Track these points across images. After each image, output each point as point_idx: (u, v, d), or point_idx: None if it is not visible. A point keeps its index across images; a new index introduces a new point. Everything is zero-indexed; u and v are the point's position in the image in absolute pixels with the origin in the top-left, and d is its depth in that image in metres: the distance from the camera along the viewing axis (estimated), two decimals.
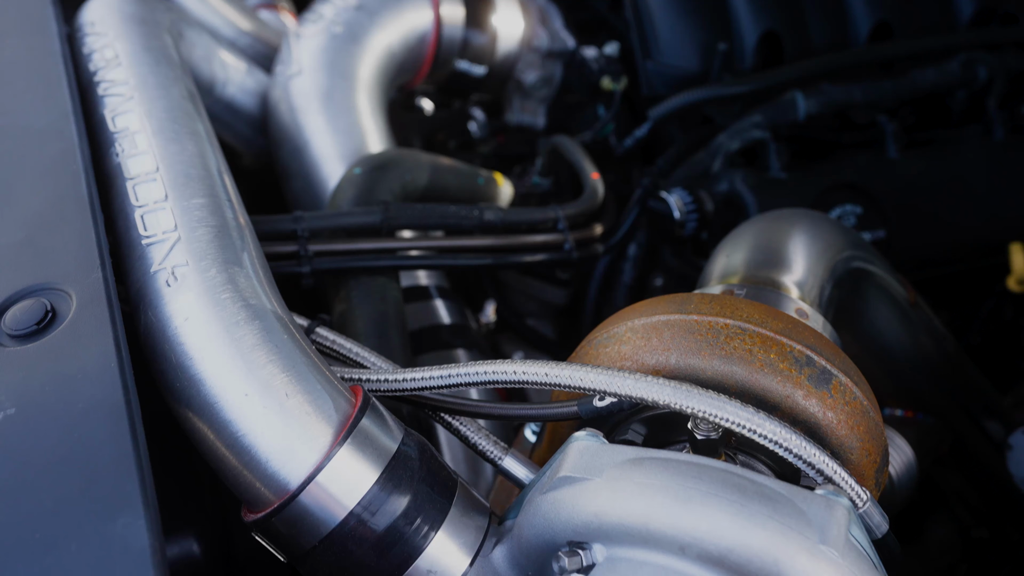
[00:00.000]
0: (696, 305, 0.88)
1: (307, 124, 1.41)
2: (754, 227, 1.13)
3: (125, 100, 1.03)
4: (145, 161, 0.95)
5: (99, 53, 1.11)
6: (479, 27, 1.64)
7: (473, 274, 1.55)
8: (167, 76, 1.09)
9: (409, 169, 1.32)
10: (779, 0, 1.61)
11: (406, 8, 1.57)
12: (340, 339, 0.99)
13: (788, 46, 1.61)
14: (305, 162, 1.40)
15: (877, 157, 1.56)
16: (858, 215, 1.50)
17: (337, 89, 1.44)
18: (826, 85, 1.56)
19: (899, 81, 1.59)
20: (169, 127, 1.00)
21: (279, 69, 1.47)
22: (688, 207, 1.42)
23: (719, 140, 1.53)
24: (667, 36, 1.59)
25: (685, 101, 1.51)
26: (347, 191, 1.25)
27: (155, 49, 1.13)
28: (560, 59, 1.71)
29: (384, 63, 1.52)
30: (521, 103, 1.75)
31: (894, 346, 1.26)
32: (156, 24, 1.20)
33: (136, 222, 0.89)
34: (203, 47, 1.39)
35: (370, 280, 1.16)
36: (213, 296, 0.82)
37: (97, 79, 1.07)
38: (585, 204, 1.36)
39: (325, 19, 1.50)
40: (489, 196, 1.45)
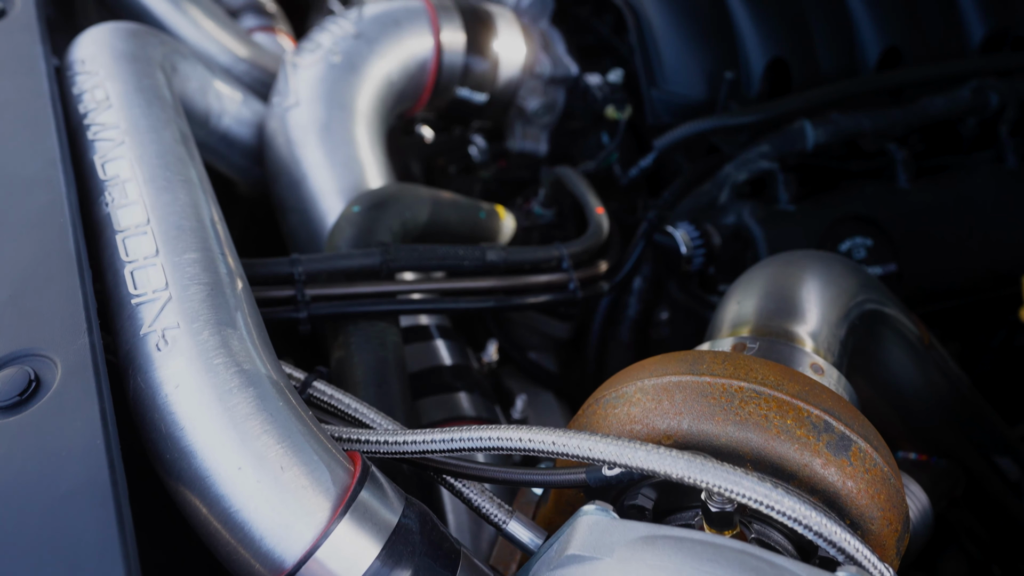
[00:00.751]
0: (708, 365, 0.85)
1: (305, 157, 1.37)
2: (765, 272, 1.09)
3: (116, 145, 1.00)
4: (136, 212, 0.92)
5: (89, 94, 1.08)
6: (480, 53, 1.60)
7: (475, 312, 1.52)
8: (159, 118, 1.05)
9: (409, 206, 1.28)
10: (787, 26, 1.57)
11: (406, 35, 1.54)
12: (338, 394, 0.95)
13: (796, 73, 1.58)
14: (303, 196, 1.36)
15: (887, 187, 1.53)
16: (868, 247, 1.46)
17: (335, 121, 1.40)
18: (835, 114, 1.52)
19: (909, 109, 1.56)
20: (161, 174, 0.97)
21: (276, 100, 1.43)
22: (695, 242, 1.39)
23: (726, 171, 1.49)
24: (672, 63, 1.56)
25: (691, 131, 1.47)
26: (345, 230, 1.21)
27: (147, 89, 1.09)
28: (563, 85, 1.67)
29: (383, 92, 1.49)
30: (523, 129, 1.71)
31: (908, 389, 1.22)
32: (148, 61, 1.16)
33: (126, 279, 0.86)
34: (198, 79, 1.35)
35: (369, 326, 1.13)
36: (205, 361, 0.79)
37: (87, 122, 1.04)
38: (589, 241, 1.33)
39: (323, 48, 1.46)
40: (491, 230, 1.41)
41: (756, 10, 1.56)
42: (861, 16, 1.64)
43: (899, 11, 1.65)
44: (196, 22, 1.58)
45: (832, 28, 1.62)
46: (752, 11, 1.56)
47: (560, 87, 1.68)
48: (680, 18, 1.56)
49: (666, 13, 1.56)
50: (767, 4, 1.57)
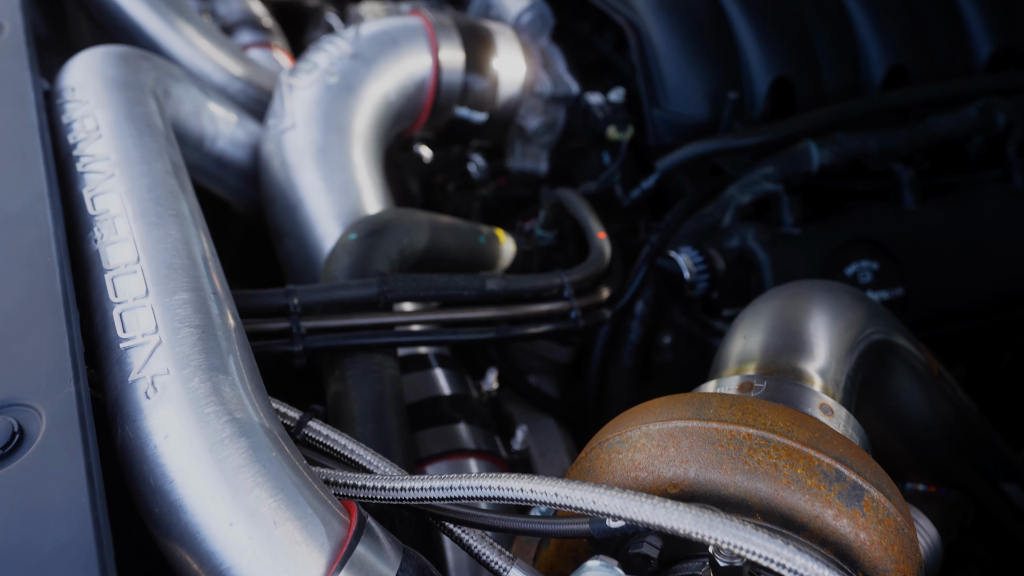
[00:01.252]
0: (715, 410, 0.82)
1: (301, 182, 1.35)
2: (771, 305, 1.07)
3: (106, 178, 0.97)
4: (125, 250, 0.89)
5: (79, 123, 1.05)
6: (480, 72, 1.58)
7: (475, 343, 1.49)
8: (150, 149, 1.03)
9: (407, 232, 1.25)
10: (791, 45, 1.55)
11: (404, 54, 1.51)
12: (334, 434, 0.93)
13: (800, 92, 1.55)
14: (299, 221, 1.34)
15: (893, 209, 1.50)
16: (874, 271, 1.44)
17: (332, 144, 1.38)
18: (840, 134, 1.50)
19: (915, 128, 1.54)
20: (152, 209, 0.94)
21: (272, 122, 1.41)
22: (698, 267, 1.36)
23: (729, 192, 1.47)
24: (675, 83, 1.53)
25: (694, 153, 1.45)
26: (342, 259, 1.19)
27: (138, 118, 1.06)
28: (563, 104, 1.65)
29: (381, 113, 1.46)
30: (523, 148, 1.69)
31: (916, 419, 1.20)
32: (140, 88, 1.14)
33: (114, 321, 0.83)
34: (191, 102, 1.33)
35: (366, 359, 1.10)
36: (196, 410, 0.76)
37: (77, 152, 1.01)
38: (591, 268, 1.30)
39: (319, 69, 1.44)
40: (491, 254, 1.39)
41: (760, 29, 1.54)
42: (866, 34, 1.61)
43: (905, 29, 1.62)
44: (190, 41, 1.56)
45: (837, 46, 1.59)
46: (756, 30, 1.54)
47: (560, 106, 1.65)
48: (683, 37, 1.53)
49: (668, 32, 1.54)
50: (771, 22, 1.55)
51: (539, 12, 1.65)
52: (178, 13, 1.56)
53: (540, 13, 1.66)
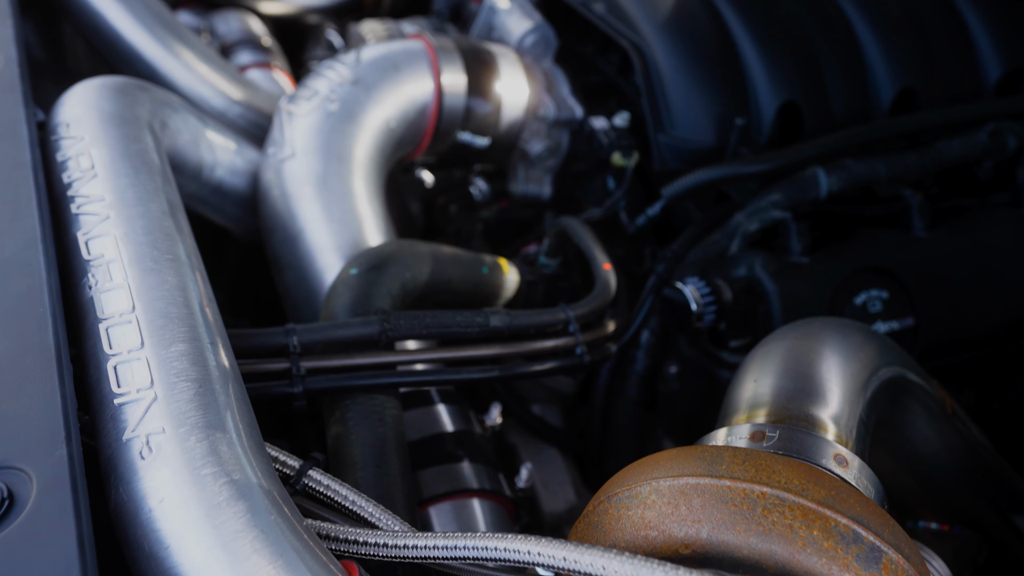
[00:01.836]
0: (728, 466, 0.80)
1: (301, 212, 1.32)
2: (782, 346, 1.04)
3: (101, 220, 0.95)
4: (120, 298, 0.87)
5: (74, 161, 1.03)
6: (482, 96, 1.55)
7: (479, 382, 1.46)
8: (146, 188, 1.00)
9: (408, 266, 1.23)
10: (799, 69, 1.52)
11: (405, 79, 1.49)
12: (335, 484, 0.91)
13: (808, 116, 1.53)
14: (299, 253, 1.31)
15: (902, 236, 1.48)
16: (884, 300, 1.41)
17: (332, 173, 1.35)
18: (848, 160, 1.47)
19: (925, 154, 1.51)
20: (148, 253, 0.92)
21: (271, 151, 1.38)
22: (705, 299, 1.34)
23: (736, 220, 1.44)
24: (681, 108, 1.51)
25: (700, 180, 1.42)
26: (343, 295, 1.16)
27: (134, 156, 1.04)
28: (567, 127, 1.62)
29: (382, 141, 1.44)
30: (526, 172, 1.66)
31: (930, 458, 1.17)
32: (136, 122, 1.11)
33: (108, 374, 0.81)
34: (189, 131, 1.30)
35: (367, 400, 1.08)
36: (192, 472, 0.74)
37: (71, 193, 0.99)
38: (597, 301, 1.28)
39: (319, 96, 1.41)
40: (494, 285, 1.36)
41: (767, 53, 1.51)
42: (875, 57, 1.59)
43: (914, 52, 1.60)
44: (188, 66, 1.53)
45: (845, 70, 1.57)
46: (763, 54, 1.51)
47: (564, 129, 1.63)
48: (688, 61, 1.51)
49: (674, 56, 1.51)
50: (778, 46, 1.52)
51: (543, 34, 1.63)
52: (176, 37, 1.54)
53: (544, 35, 1.63)
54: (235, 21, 2.02)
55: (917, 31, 1.64)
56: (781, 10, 1.58)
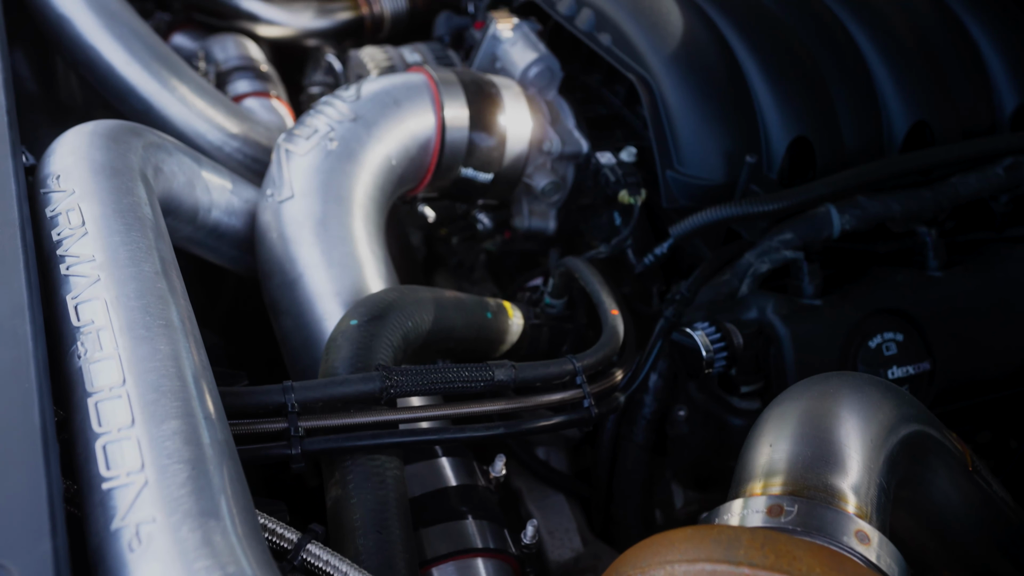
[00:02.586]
0: (746, 551, 0.76)
1: (300, 256, 1.29)
2: (798, 408, 1.00)
3: (91, 283, 0.91)
4: (111, 370, 0.83)
5: (64, 216, 0.99)
6: (486, 130, 1.51)
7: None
8: (139, 247, 0.97)
9: (410, 314, 1.19)
10: (811, 103, 1.49)
11: (407, 115, 1.45)
12: (334, 560, 0.88)
13: (820, 151, 1.49)
14: (297, 299, 1.28)
15: (917, 275, 1.44)
16: (899, 343, 1.37)
17: (332, 216, 1.32)
18: (862, 198, 1.44)
19: (940, 191, 1.48)
20: (140, 320, 0.88)
21: (269, 191, 1.35)
22: (716, 344, 1.30)
23: (747, 260, 1.41)
24: (689, 144, 1.47)
25: (710, 219, 1.38)
26: (343, 348, 1.13)
27: (126, 211, 1.00)
28: (573, 161, 1.59)
29: (382, 179, 1.40)
30: (530, 206, 1.63)
31: (951, 516, 1.14)
32: (128, 172, 1.08)
33: (96, 454, 0.77)
34: (184, 173, 1.27)
35: (368, 461, 1.04)
36: (185, 565, 0.70)
37: (61, 252, 0.95)
38: (604, 350, 1.24)
39: (318, 134, 1.38)
40: (498, 331, 1.33)
41: (778, 87, 1.48)
42: (888, 89, 1.55)
43: (927, 84, 1.56)
44: (184, 100, 1.50)
45: (857, 103, 1.53)
46: (774, 88, 1.48)
47: (569, 163, 1.59)
48: (697, 96, 1.47)
49: (682, 90, 1.47)
50: (790, 80, 1.49)
51: (547, 65, 1.59)
52: (171, 71, 1.50)
53: (548, 66, 1.60)
54: (232, 47, 1.99)
55: (930, 61, 1.60)
56: (792, 41, 1.54)
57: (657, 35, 1.52)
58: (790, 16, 1.58)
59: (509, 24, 1.65)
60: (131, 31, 1.49)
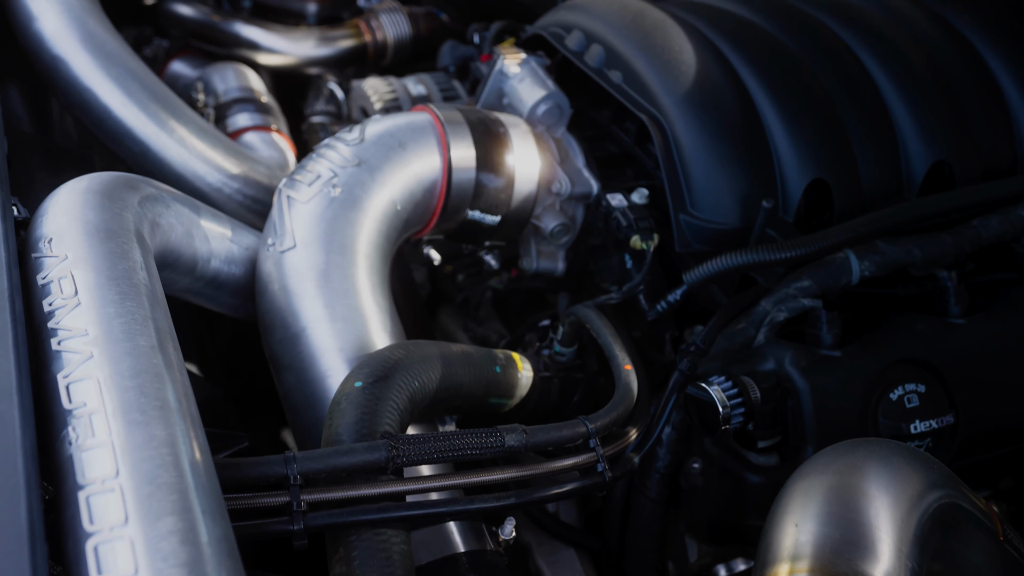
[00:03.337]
0: None
1: (302, 310, 1.25)
2: (823, 484, 0.96)
3: (84, 360, 0.87)
4: (103, 459, 0.79)
5: (56, 285, 0.95)
6: (493, 171, 1.47)
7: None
8: (134, 318, 0.92)
9: (417, 374, 1.15)
10: (828, 145, 1.44)
11: (412, 157, 1.41)
12: None
13: (837, 193, 1.45)
14: (299, 354, 1.23)
15: (938, 323, 1.40)
16: (921, 394, 1.33)
17: (335, 267, 1.27)
18: (881, 243, 1.39)
19: (961, 234, 1.43)
20: (135, 402, 0.84)
21: (270, 241, 1.30)
22: (732, 400, 1.25)
23: (763, 308, 1.36)
24: (703, 187, 1.43)
25: (725, 266, 1.34)
26: (347, 413, 1.08)
27: (121, 278, 0.96)
28: (582, 201, 1.54)
29: (387, 225, 1.36)
30: (538, 247, 1.58)
31: None
32: (123, 233, 1.03)
33: (88, 558, 0.73)
34: (183, 225, 1.22)
35: (373, 536, 0.99)
36: None
37: (52, 324, 0.91)
38: (618, 410, 1.20)
39: (321, 180, 1.33)
40: (507, 385, 1.28)
41: (795, 128, 1.43)
42: (906, 128, 1.51)
43: (947, 122, 1.52)
44: (183, 141, 1.46)
45: (876, 143, 1.49)
46: (790, 129, 1.43)
47: (579, 204, 1.55)
48: (712, 137, 1.43)
49: (696, 131, 1.43)
50: (806, 120, 1.44)
51: (556, 103, 1.55)
52: (169, 112, 1.46)
53: (557, 104, 1.55)
54: (232, 77, 1.95)
55: (949, 97, 1.56)
56: (808, 79, 1.50)
57: (669, 73, 1.47)
58: (805, 52, 1.54)
59: (516, 59, 1.61)
60: (128, 72, 1.45)
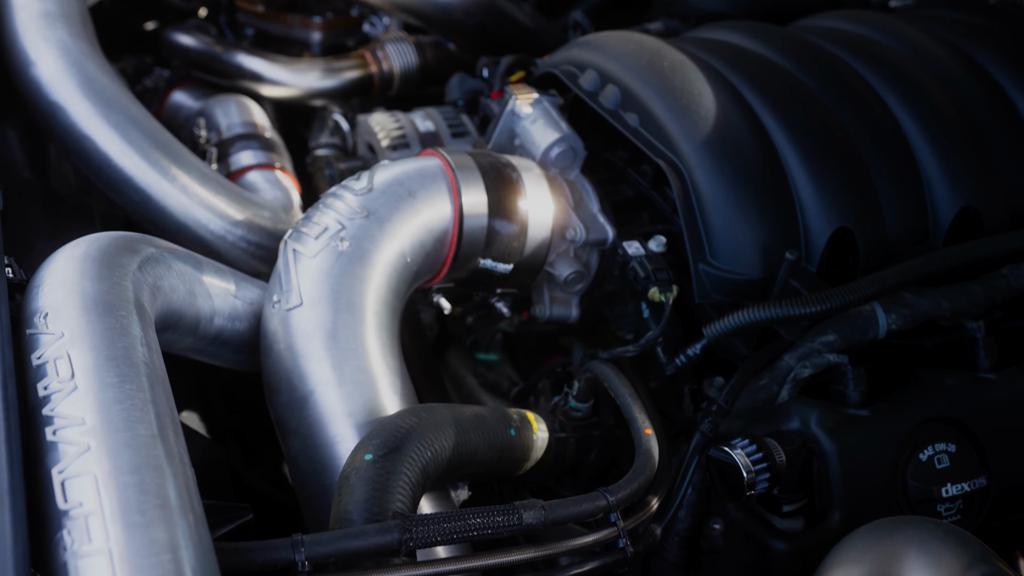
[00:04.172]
0: None
1: (309, 372, 1.20)
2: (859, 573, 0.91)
3: (80, 453, 0.82)
4: (100, 568, 0.74)
5: (51, 366, 0.90)
6: (506, 218, 1.42)
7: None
8: (134, 403, 0.88)
9: (430, 444, 1.10)
10: (852, 192, 1.40)
11: (422, 206, 1.36)
12: None
13: (862, 242, 1.40)
14: (307, 419, 1.18)
15: (967, 379, 1.35)
16: (952, 454, 1.28)
17: (343, 326, 1.22)
18: (909, 295, 1.35)
19: (991, 285, 1.39)
20: (134, 502, 0.79)
21: (276, 297, 1.25)
22: (757, 465, 1.20)
23: (786, 363, 1.32)
24: (724, 236, 1.38)
25: (747, 320, 1.28)
26: (357, 490, 1.03)
27: (120, 358, 0.91)
28: (597, 248, 1.49)
29: (396, 281, 1.31)
30: (551, 293, 1.53)
31: None
32: (123, 306, 0.98)
33: None
34: (185, 284, 1.18)
35: None
36: None
37: (47, 411, 0.86)
38: (639, 480, 1.15)
39: (328, 232, 1.29)
40: (522, 448, 1.23)
41: (818, 175, 1.39)
42: (932, 172, 1.46)
43: (974, 165, 1.47)
44: (185, 189, 1.41)
45: (901, 189, 1.44)
46: (814, 176, 1.39)
47: (593, 250, 1.50)
48: (732, 185, 1.38)
49: (717, 178, 1.38)
50: (831, 167, 1.40)
51: (570, 145, 1.50)
52: (170, 159, 1.42)
53: (571, 146, 1.50)
54: (235, 111, 1.90)
55: (975, 139, 1.51)
56: (832, 123, 1.45)
57: (688, 117, 1.42)
58: (828, 93, 1.49)
59: (529, 99, 1.56)
60: (128, 118, 1.40)
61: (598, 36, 1.67)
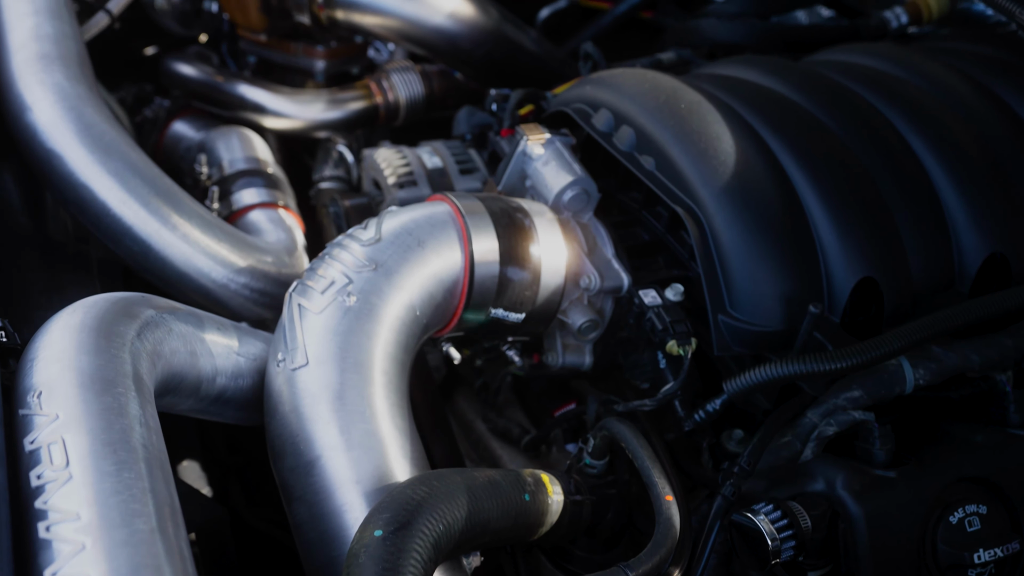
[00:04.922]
0: None
1: (315, 436, 1.15)
2: None
3: (75, 552, 0.78)
4: None
5: (46, 451, 0.85)
6: (518, 265, 1.37)
7: None
8: (132, 493, 0.83)
9: (442, 516, 1.05)
10: (877, 240, 1.35)
11: (431, 256, 1.32)
12: None
13: (887, 291, 1.35)
14: (313, 486, 1.14)
15: (997, 435, 1.30)
16: (983, 516, 1.23)
17: (350, 386, 1.18)
18: (937, 349, 1.30)
19: (1021, 336, 1.34)
20: None
21: (280, 356, 1.21)
22: (783, 532, 1.16)
23: (810, 420, 1.27)
24: (744, 287, 1.33)
25: (770, 376, 1.24)
26: (366, 569, 0.98)
27: (118, 443, 0.87)
28: (612, 295, 1.45)
29: (405, 336, 1.27)
30: (564, 340, 1.49)
31: None
32: (121, 381, 0.94)
33: None
34: (186, 345, 1.13)
35: None
36: None
37: (40, 504, 0.82)
38: (660, 552, 1.10)
39: (335, 287, 1.24)
40: (537, 514, 1.18)
41: (842, 223, 1.34)
42: (959, 217, 1.42)
43: (1002, 209, 1.43)
44: (187, 237, 1.37)
45: (927, 235, 1.39)
46: (838, 225, 1.34)
47: (608, 297, 1.45)
48: (753, 233, 1.33)
49: (737, 227, 1.33)
50: (855, 214, 1.35)
51: (584, 188, 1.46)
52: (171, 207, 1.37)
53: (585, 189, 1.46)
54: (237, 145, 1.85)
55: (1003, 181, 1.46)
56: (854, 167, 1.40)
57: (707, 162, 1.38)
58: (850, 135, 1.44)
59: (540, 139, 1.51)
60: (127, 165, 1.35)
61: (612, 74, 1.62)
